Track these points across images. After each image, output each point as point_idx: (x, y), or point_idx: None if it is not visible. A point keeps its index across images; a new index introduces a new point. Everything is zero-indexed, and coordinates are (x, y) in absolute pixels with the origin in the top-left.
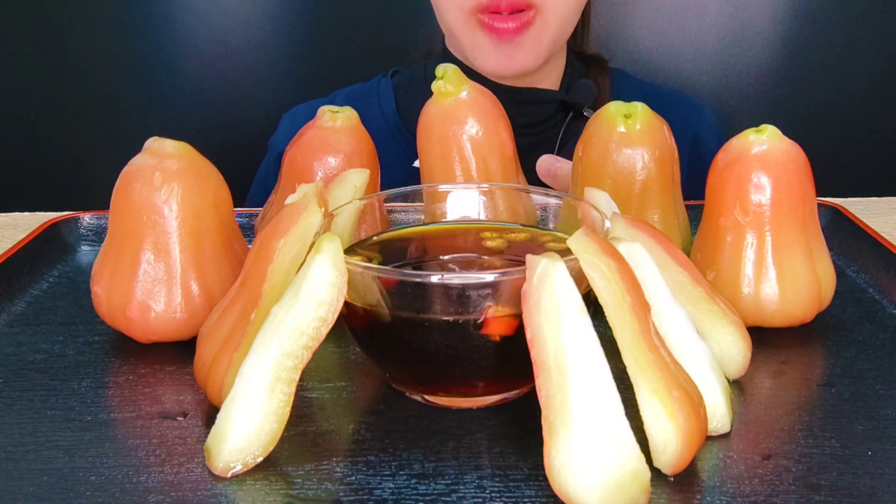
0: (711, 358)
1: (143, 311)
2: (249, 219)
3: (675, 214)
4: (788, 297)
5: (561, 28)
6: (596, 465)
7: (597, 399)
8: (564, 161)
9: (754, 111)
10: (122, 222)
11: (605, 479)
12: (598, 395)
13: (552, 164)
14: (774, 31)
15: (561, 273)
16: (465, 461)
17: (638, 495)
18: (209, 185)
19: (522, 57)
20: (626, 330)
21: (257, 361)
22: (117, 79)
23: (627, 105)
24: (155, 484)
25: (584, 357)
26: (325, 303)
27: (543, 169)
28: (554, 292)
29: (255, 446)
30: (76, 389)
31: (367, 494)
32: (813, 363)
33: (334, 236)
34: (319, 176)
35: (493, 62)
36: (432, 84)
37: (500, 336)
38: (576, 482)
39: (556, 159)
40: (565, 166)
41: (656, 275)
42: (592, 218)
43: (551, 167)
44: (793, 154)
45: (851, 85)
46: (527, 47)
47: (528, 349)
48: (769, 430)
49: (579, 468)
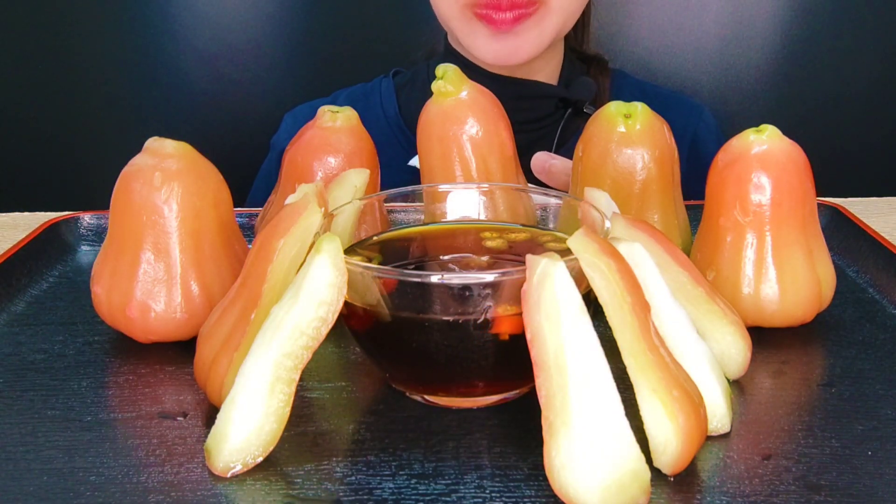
0: (711, 358)
1: (143, 311)
2: (249, 219)
3: (675, 214)
4: (788, 297)
5: (565, 20)
6: (596, 465)
7: (597, 399)
8: (559, 157)
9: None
10: (122, 222)
11: (604, 479)
12: (598, 394)
13: (546, 160)
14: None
15: (561, 273)
16: (465, 461)
17: (638, 495)
18: (209, 185)
19: (524, 48)
20: (626, 330)
21: (257, 361)
22: (117, 79)
23: (627, 105)
24: (155, 484)
25: (584, 357)
26: (325, 303)
27: (538, 165)
28: (554, 292)
29: (255, 446)
30: (76, 389)
31: (367, 494)
32: (813, 363)
33: (334, 236)
34: (319, 176)
35: (492, 53)
36: (432, 84)
37: (500, 336)
38: (576, 482)
39: (551, 156)
40: (559, 163)
41: (656, 275)
42: (592, 218)
43: (545, 164)
44: (793, 154)
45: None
46: (530, 39)
47: (528, 349)
48: (769, 430)
49: (579, 468)
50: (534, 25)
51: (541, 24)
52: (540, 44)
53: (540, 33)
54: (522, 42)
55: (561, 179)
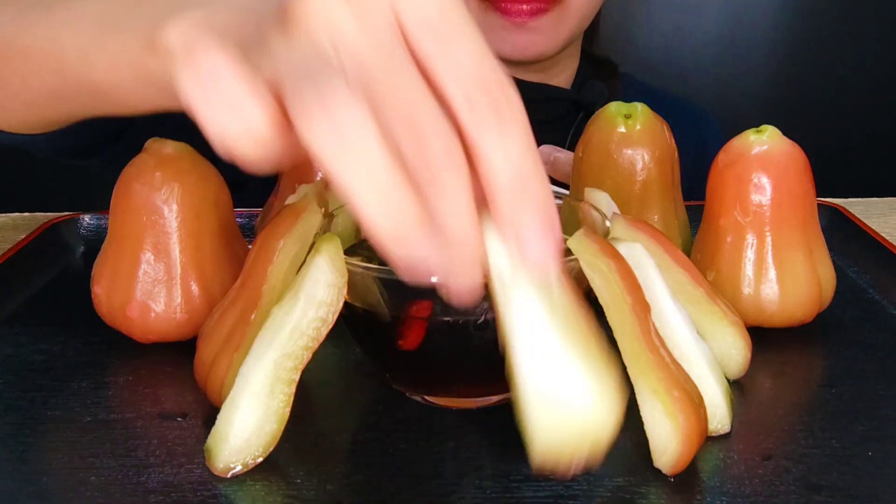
0: (711, 358)
1: (142, 312)
2: (249, 219)
3: (675, 214)
4: (788, 297)
5: (582, 18)
6: (546, 415)
7: (542, 359)
8: (563, 151)
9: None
10: (122, 222)
11: (554, 426)
12: (543, 356)
13: (551, 153)
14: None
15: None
16: (464, 461)
17: (588, 444)
18: (209, 185)
19: (538, 43)
20: (627, 330)
21: (257, 362)
22: None
23: (627, 105)
24: (155, 484)
25: (526, 330)
26: (324, 303)
27: (543, 156)
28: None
29: (255, 446)
30: (76, 389)
31: (367, 495)
32: (813, 363)
33: (334, 236)
34: (319, 176)
35: (508, 46)
36: None
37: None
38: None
39: (555, 149)
40: (563, 156)
41: (656, 275)
42: (592, 218)
43: (550, 156)
44: (793, 154)
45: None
46: (546, 34)
47: None
48: (769, 431)
49: (533, 421)
50: (550, 23)
51: (558, 23)
52: (556, 41)
53: (557, 31)
54: (538, 37)
55: (566, 171)
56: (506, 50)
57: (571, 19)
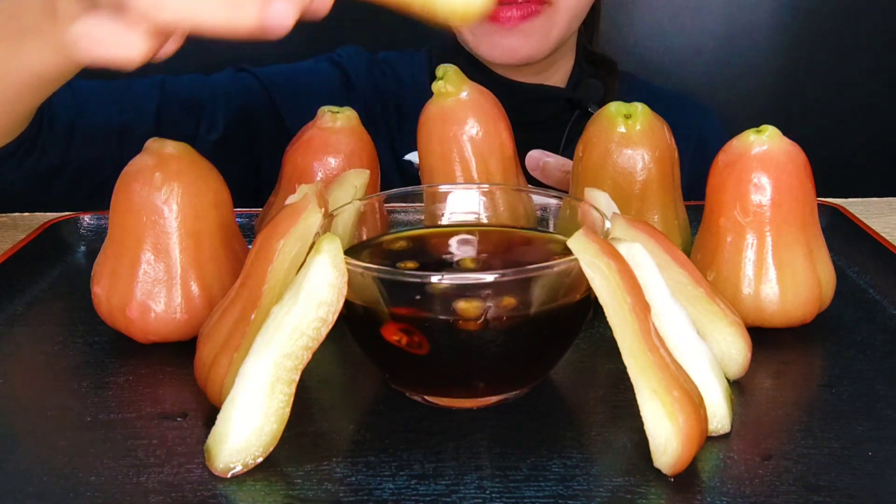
0: (711, 358)
1: (142, 312)
2: (249, 219)
3: (675, 214)
4: (788, 297)
5: (571, 20)
6: None
7: None
8: (552, 155)
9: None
10: (122, 222)
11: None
12: None
13: (540, 158)
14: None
15: None
16: (465, 461)
17: None
18: (209, 185)
19: (529, 46)
20: (627, 330)
21: (257, 362)
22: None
23: (627, 105)
24: (155, 484)
25: None
26: (325, 303)
27: (532, 163)
28: None
29: (255, 447)
30: (76, 389)
31: (367, 495)
32: (813, 363)
33: (334, 236)
34: (319, 176)
35: (497, 50)
36: (433, 84)
37: (500, 336)
38: None
39: (544, 153)
40: (552, 160)
41: (656, 275)
42: (592, 218)
43: (539, 161)
44: (793, 154)
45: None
46: (535, 37)
47: (528, 349)
48: (769, 431)
49: None
50: (539, 26)
51: (547, 24)
52: (546, 44)
53: (546, 34)
54: (529, 40)
55: (555, 176)
56: (496, 54)
57: (561, 21)
